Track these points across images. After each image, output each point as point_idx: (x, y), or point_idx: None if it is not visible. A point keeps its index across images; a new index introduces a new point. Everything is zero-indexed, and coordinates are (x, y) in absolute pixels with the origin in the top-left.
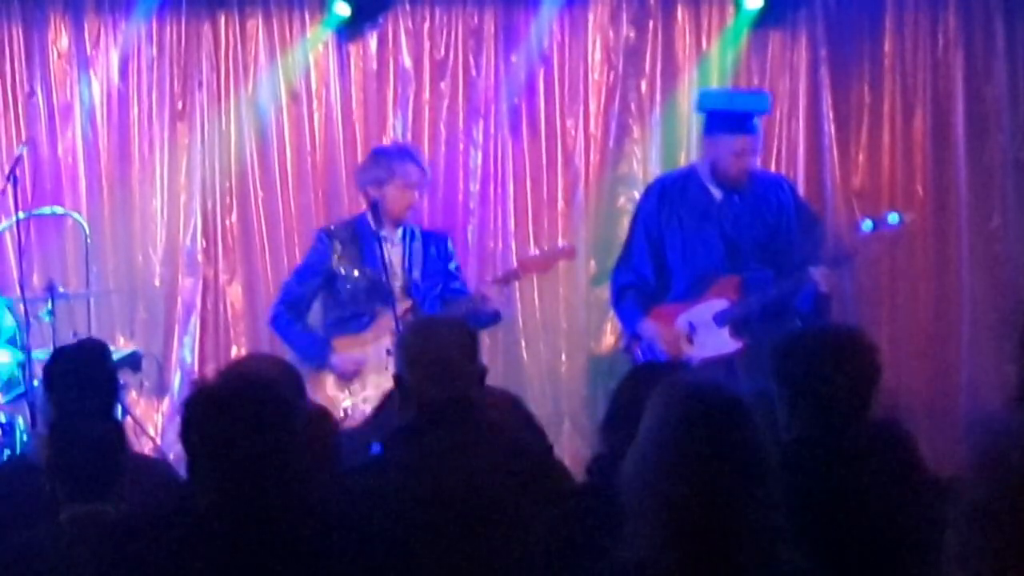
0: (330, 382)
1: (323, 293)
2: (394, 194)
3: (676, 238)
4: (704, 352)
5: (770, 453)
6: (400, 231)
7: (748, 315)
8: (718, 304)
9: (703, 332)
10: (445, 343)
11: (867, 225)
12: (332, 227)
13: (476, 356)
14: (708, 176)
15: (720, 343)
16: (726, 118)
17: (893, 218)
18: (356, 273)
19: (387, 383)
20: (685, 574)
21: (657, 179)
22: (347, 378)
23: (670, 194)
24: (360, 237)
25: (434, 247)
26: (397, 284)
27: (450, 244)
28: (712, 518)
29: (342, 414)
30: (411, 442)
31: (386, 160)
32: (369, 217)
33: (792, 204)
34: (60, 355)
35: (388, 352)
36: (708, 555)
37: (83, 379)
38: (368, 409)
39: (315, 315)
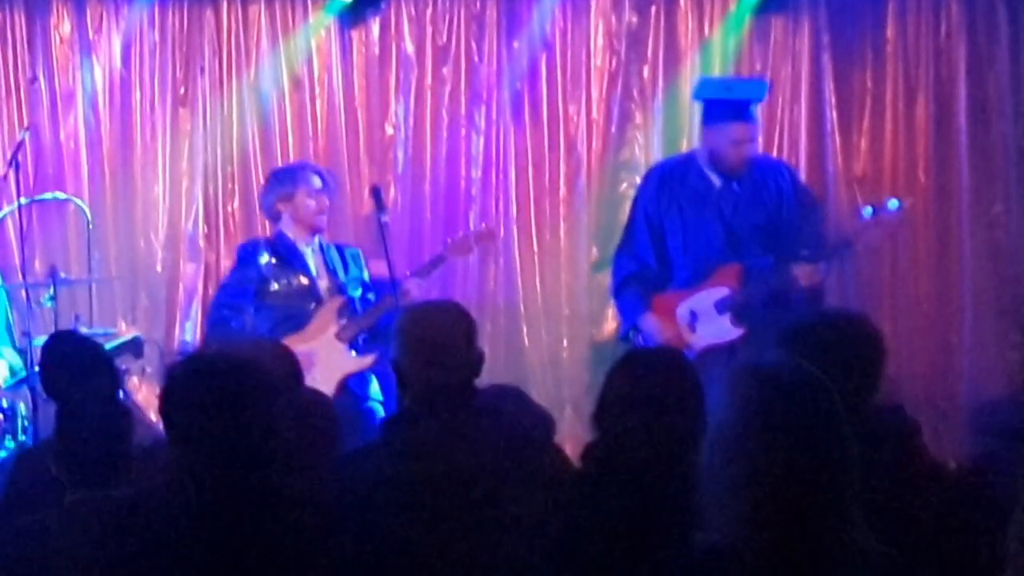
0: None
1: (255, 303)
2: (304, 202)
3: (676, 225)
4: (706, 340)
5: (849, 430)
6: (316, 241)
7: (749, 302)
8: (719, 292)
9: (704, 320)
10: (442, 328)
11: (867, 212)
12: (258, 240)
13: (474, 341)
14: (707, 163)
15: (722, 330)
16: (723, 106)
17: (893, 204)
18: (288, 278)
19: (339, 370)
20: (773, 557)
21: (656, 165)
22: None
23: (669, 181)
24: (282, 248)
25: (350, 257)
26: (324, 285)
27: (360, 253)
28: (797, 500)
29: None
30: (409, 428)
31: (287, 174)
32: (284, 232)
33: (792, 189)
34: (51, 355)
35: (337, 336)
36: (794, 537)
37: (81, 375)
38: None
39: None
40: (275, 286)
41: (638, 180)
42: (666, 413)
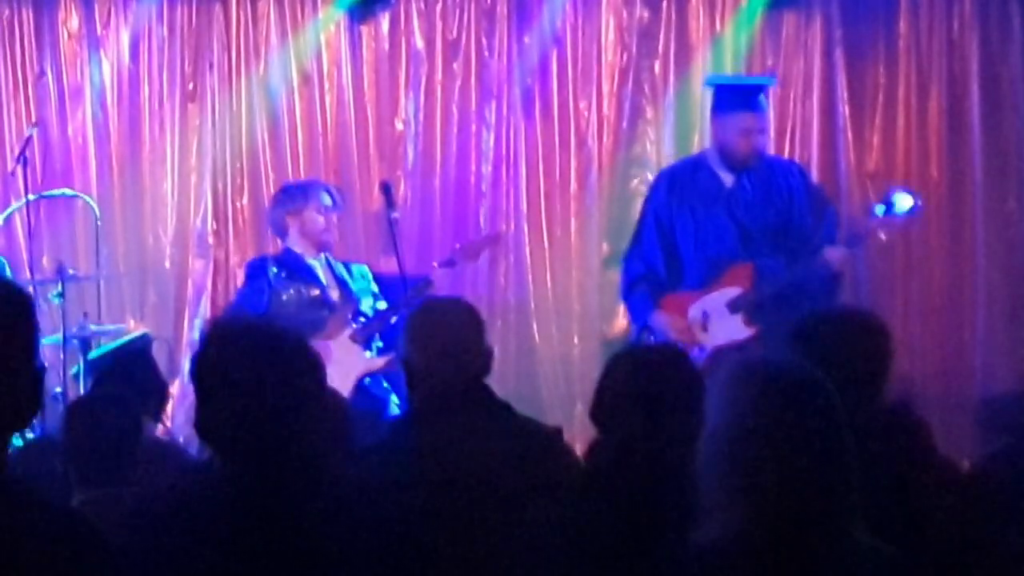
0: None
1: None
2: (312, 218)
3: (688, 225)
4: (718, 340)
5: (847, 430)
6: (323, 257)
7: (762, 301)
8: (731, 291)
9: (716, 319)
10: (453, 325)
11: (880, 209)
12: (265, 256)
13: (484, 339)
14: (717, 161)
15: (734, 330)
16: (732, 95)
17: (904, 205)
18: (298, 290)
19: (355, 370)
20: (769, 554)
21: (665, 168)
22: None
23: (680, 182)
24: (290, 261)
25: (357, 272)
26: (335, 295)
27: (369, 272)
28: (795, 497)
29: None
30: (418, 426)
31: (297, 190)
32: (292, 247)
33: (803, 188)
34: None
35: (352, 338)
36: (793, 535)
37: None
38: None
39: None
40: (286, 297)
41: (649, 176)
42: (665, 409)
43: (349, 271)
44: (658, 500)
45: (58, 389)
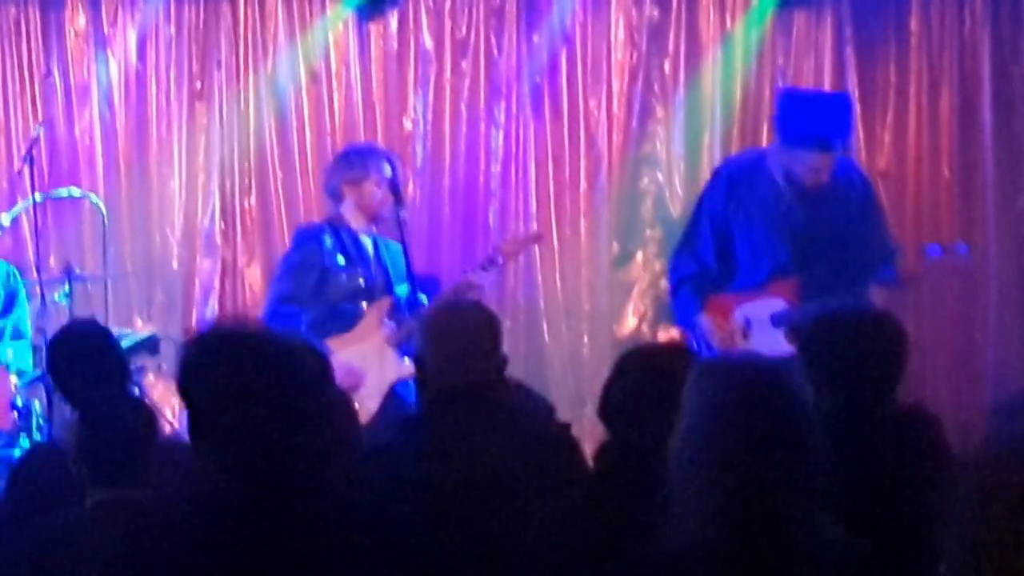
0: None
1: (313, 292)
2: (371, 190)
3: (743, 230)
4: (760, 349)
5: (814, 426)
6: (373, 231)
7: (805, 320)
8: (776, 303)
9: (758, 329)
10: (469, 328)
11: (935, 251)
12: (319, 224)
13: (499, 343)
14: (780, 173)
15: (774, 343)
16: (807, 134)
17: (962, 249)
18: (347, 271)
19: (391, 376)
20: (737, 554)
21: (725, 163)
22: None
23: (739, 183)
24: (342, 234)
25: (400, 252)
26: (378, 281)
27: (401, 249)
28: (763, 496)
29: None
30: (429, 425)
31: (361, 158)
32: (344, 216)
33: (862, 198)
34: (57, 344)
35: (387, 342)
36: (759, 533)
37: (87, 365)
38: (372, 406)
39: None
40: (334, 280)
41: (659, 175)
42: (675, 408)
43: (393, 249)
44: (666, 500)
45: None
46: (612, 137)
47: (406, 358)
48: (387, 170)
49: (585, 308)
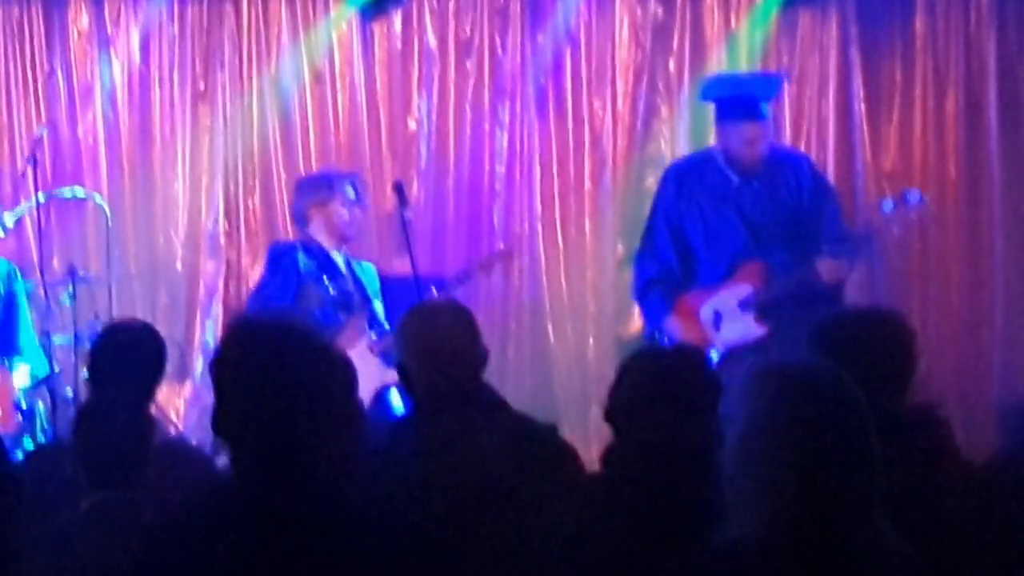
0: None
1: (294, 307)
2: (337, 211)
3: (697, 223)
4: (730, 339)
5: (872, 427)
6: (343, 252)
7: (774, 300)
8: (742, 290)
9: (728, 319)
10: (445, 328)
11: (888, 205)
12: (292, 243)
13: (478, 339)
14: (724, 161)
15: (745, 329)
16: (732, 105)
17: (913, 196)
18: (322, 285)
19: (374, 382)
20: (795, 558)
21: (672, 165)
22: None
23: (688, 179)
24: (317, 253)
25: (367, 268)
26: (354, 296)
27: (374, 269)
28: (823, 502)
29: None
30: (416, 429)
31: (323, 181)
32: (315, 237)
33: (811, 181)
34: (107, 339)
35: (370, 348)
36: (817, 536)
37: (126, 364)
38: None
39: None
40: (312, 292)
41: None
42: (681, 410)
43: (362, 267)
44: (674, 502)
45: (69, 391)
46: (617, 137)
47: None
48: (351, 192)
49: (590, 309)
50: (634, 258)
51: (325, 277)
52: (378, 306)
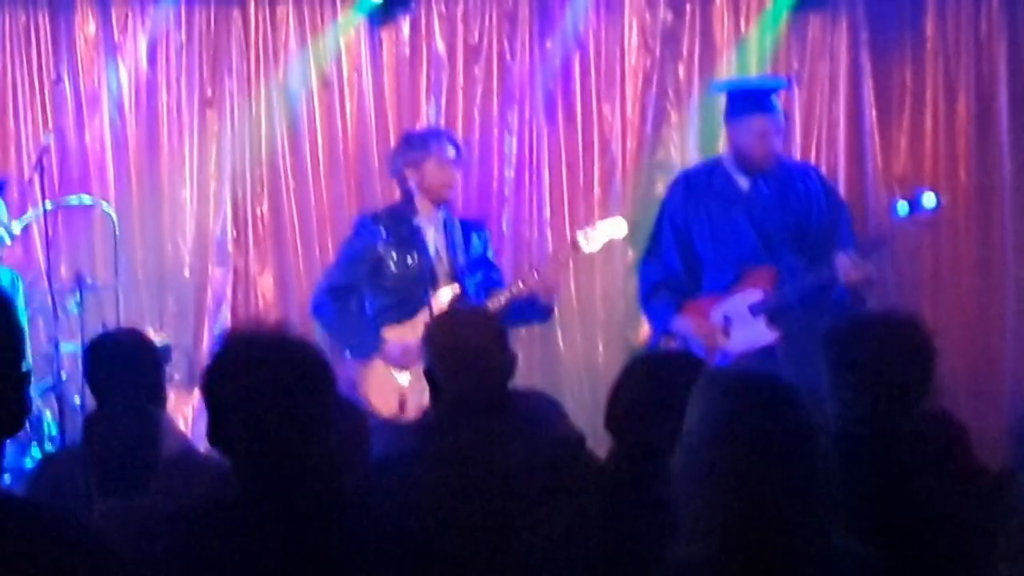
0: (381, 371)
1: (368, 281)
2: (433, 171)
3: (705, 229)
4: (741, 344)
5: (819, 437)
6: (441, 216)
7: (784, 305)
8: (753, 295)
9: (739, 324)
10: (473, 335)
11: (903, 208)
12: (375, 213)
13: (505, 345)
14: (733, 165)
15: (756, 334)
16: (743, 99)
17: (929, 202)
18: (404, 258)
19: None
20: (744, 565)
21: (680, 173)
22: (399, 365)
23: (695, 186)
24: (403, 222)
25: (475, 234)
26: (442, 270)
27: (487, 232)
28: (768, 510)
29: (397, 404)
30: (442, 435)
31: (420, 139)
32: (412, 201)
33: (820, 190)
34: (97, 347)
35: None
36: (766, 547)
37: (122, 372)
38: (426, 400)
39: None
40: (391, 266)
41: None
42: (679, 416)
43: (467, 233)
44: (672, 510)
45: (77, 400)
46: (626, 143)
47: None
48: (450, 151)
49: (600, 315)
50: (639, 263)
51: (394, 253)
52: (476, 277)
